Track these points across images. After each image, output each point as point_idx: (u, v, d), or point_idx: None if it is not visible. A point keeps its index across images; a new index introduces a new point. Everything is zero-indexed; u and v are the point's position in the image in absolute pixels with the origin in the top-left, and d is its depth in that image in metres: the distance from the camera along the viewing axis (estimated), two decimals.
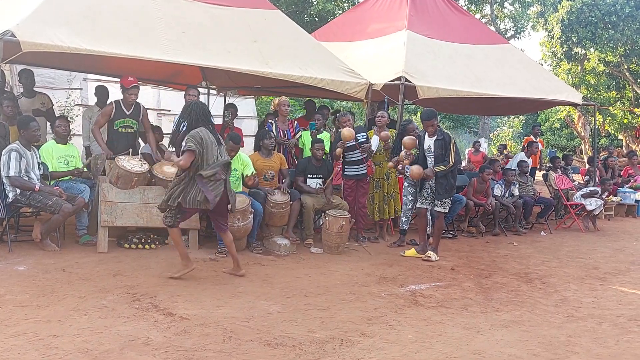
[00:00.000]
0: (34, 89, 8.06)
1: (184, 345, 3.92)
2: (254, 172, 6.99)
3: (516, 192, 9.62)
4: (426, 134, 7.07)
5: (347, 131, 7.35)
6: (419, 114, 18.96)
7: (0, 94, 6.70)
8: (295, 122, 8.39)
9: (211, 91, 10.73)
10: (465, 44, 9.88)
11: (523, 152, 11.01)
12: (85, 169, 6.91)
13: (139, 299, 4.82)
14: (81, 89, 12.20)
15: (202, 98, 9.19)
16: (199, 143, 5.24)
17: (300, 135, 8.27)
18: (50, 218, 6.26)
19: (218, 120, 8.22)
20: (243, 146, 7.72)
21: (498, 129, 31.59)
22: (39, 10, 6.28)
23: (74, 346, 3.79)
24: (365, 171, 7.60)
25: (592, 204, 10.07)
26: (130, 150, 7.13)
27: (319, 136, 7.98)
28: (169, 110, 12.62)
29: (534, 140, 12.46)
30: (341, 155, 7.50)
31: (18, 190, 6.12)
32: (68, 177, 6.72)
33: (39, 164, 6.40)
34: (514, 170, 9.85)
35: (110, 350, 3.77)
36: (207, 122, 5.46)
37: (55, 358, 3.61)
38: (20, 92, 7.94)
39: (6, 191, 6.15)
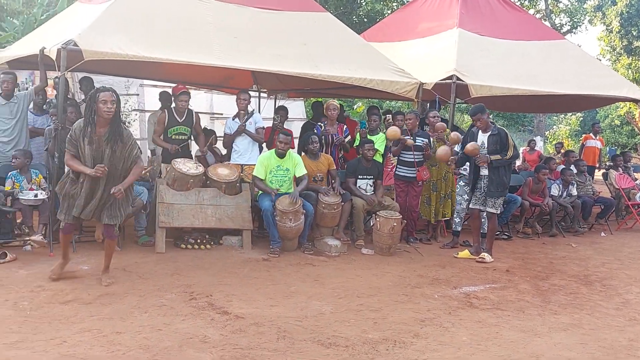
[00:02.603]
0: None
1: (240, 344, 4.00)
2: (306, 172, 7.06)
3: (574, 191, 9.36)
4: (479, 130, 6.97)
5: (391, 130, 7.34)
6: None
7: (65, 100, 6.98)
8: (345, 127, 8.40)
9: (262, 94, 10.88)
10: (519, 40, 9.68)
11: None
12: (147, 174, 7.13)
13: (196, 298, 4.95)
14: (138, 94, 12.55)
15: (253, 101, 9.34)
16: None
17: (349, 137, 8.26)
18: None
19: (268, 123, 8.36)
20: (294, 147, 7.81)
21: (554, 126, 30.71)
22: (99, 20, 6.54)
23: (135, 343, 3.93)
24: (414, 175, 7.54)
25: None
26: (188, 143, 7.32)
27: (373, 137, 7.98)
28: (222, 114, 12.83)
29: (593, 137, 12.10)
30: (398, 154, 7.51)
31: None
32: None
33: None
34: (572, 169, 9.59)
35: (169, 347, 3.89)
36: None
37: (119, 354, 3.76)
38: (81, 99, 8.25)
39: None
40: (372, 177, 7.55)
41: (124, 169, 5.07)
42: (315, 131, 7.93)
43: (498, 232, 7.95)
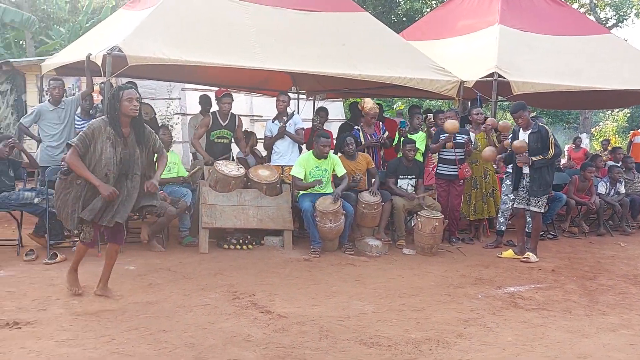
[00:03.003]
0: None
1: (283, 342, 4.03)
2: (345, 172, 7.06)
3: (622, 189, 9.12)
4: (520, 128, 6.86)
5: (450, 124, 7.26)
6: None
7: None
8: (381, 124, 8.36)
9: (300, 96, 10.94)
10: (562, 35, 9.47)
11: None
12: (190, 177, 7.24)
13: (239, 297, 5.01)
14: (180, 98, 12.79)
15: (292, 103, 9.39)
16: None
17: (387, 133, 8.21)
18: (156, 221, 6.63)
19: (307, 125, 8.40)
20: (333, 148, 7.82)
21: (600, 123, 29.91)
22: (142, 26, 6.70)
23: (181, 341, 4.00)
24: (456, 173, 7.48)
25: None
26: (230, 154, 7.41)
27: (414, 136, 7.93)
28: (261, 116, 12.97)
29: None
30: (438, 151, 7.46)
31: None
32: (170, 183, 7.07)
33: None
34: (619, 166, 9.34)
35: (214, 346, 3.94)
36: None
37: (165, 351, 3.83)
38: None
39: None
40: (413, 176, 7.50)
41: (150, 164, 4.86)
42: (354, 134, 7.91)
43: (543, 232, 7.80)
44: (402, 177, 7.50)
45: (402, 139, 7.82)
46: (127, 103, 4.52)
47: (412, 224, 7.53)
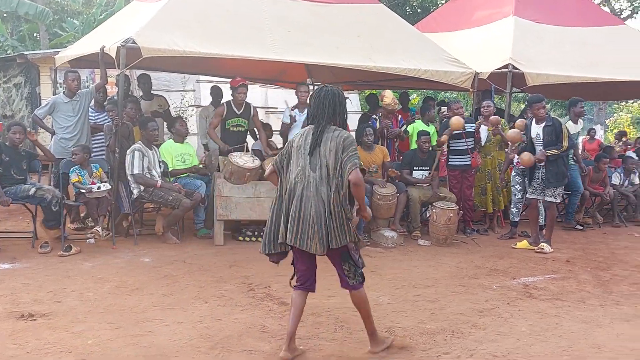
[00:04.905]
0: (152, 92, 8.60)
1: (298, 333, 4.04)
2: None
3: (637, 180, 9.07)
4: (533, 121, 6.85)
5: (456, 120, 7.26)
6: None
7: (125, 97, 7.19)
8: (399, 115, 8.35)
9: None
10: (577, 27, 9.41)
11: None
12: (202, 167, 7.29)
13: (254, 289, 5.05)
14: (194, 90, 12.81)
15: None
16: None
17: (405, 126, 8.22)
18: (170, 213, 6.69)
19: None
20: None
21: (615, 114, 29.65)
22: (156, 18, 6.71)
23: (197, 332, 4.05)
24: (469, 162, 7.48)
25: None
26: (245, 145, 7.43)
27: (429, 128, 7.92)
28: (276, 108, 12.96)
29: None
30: (446, 143, 7.44)
31: (142, 187, 6.59)
32: (186, 174, 7.12)
33: (159, 162, 6.84)
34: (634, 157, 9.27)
35: (230, 337, 3.99)
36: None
37: (181, 343, 3.88)
38: (140, 96, 8.51)
39: (131, 188, 6.65)
40: (427, 168, 7.50)
41: None
42: (371, 124, 7.92)
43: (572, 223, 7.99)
44: (417, 168, 7.50)
45: (412, 132, 7.82)
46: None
47: (427, 215, 7.53)
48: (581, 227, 8.21)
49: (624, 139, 13.19)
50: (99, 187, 6.43)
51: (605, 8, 19.38)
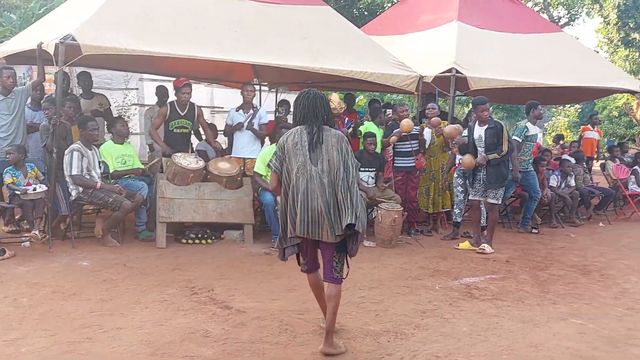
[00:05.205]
0: (92, 90, 8.35)
1: (241, 338, 4.02)
2: None
3: (573, 182, 9.40)
4: (476, 123, 7.01)
5: (406, 122, 7.38)
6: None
7: (64, 95, 6.95)
8: (346, 118, 8.38)
9: (263, 88, 10.86)
10: (517, 33, 9.69)
11: None
12: (149, 169, 7.12)
13: (197, 293, 4.96)
14: (137, 88, 12.51)
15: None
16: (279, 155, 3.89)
17: (351, 128, 8.25)
18: (111, 215, 6.50)
19: (271, 117, 8.36)
20: None
21: (553, 118, 30.71)
22: (97, 14, 6.51)
23: (137, 338, 3.95)
24: (414, 164, 7.60)
25: None
26: (190, 146, 7.31)
27: (378, 130, 7.98)
28: (222, 108, 12.83)
29: (591, 129, 12.13)
30: (392, 145, 7.54)
31: (80, 189, 6.38)
32: (127, 175, 6.93)
33: (99, 162, 6.64)
34: (570, 160, 9.61)
35: (171, 342, 3.90)
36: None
37: (120, 349, 3.77)
38: (79, 94, 8.24)
39: (69, 189, 6.43)
40: (373, 169, 7.56)
41: None
42: None
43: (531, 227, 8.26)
44: (363, 169, 7.54)
45: (363, 132, 7.87)
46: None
47: (372, 216, 7.59)
48: (536, 231, 8.41)
49: (561, 142, 13.68)
50: (34, 189, 6.19)
51: (544, 15, 20.05)
